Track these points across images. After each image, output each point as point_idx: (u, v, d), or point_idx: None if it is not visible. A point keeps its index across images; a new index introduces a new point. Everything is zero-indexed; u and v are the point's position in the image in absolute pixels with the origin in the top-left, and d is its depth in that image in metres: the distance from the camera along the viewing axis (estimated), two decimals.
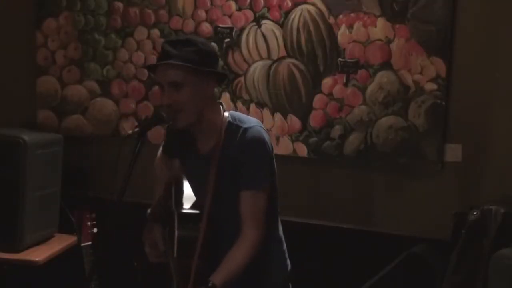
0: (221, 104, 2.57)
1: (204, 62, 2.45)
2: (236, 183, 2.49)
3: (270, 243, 2.58)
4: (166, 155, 2.65)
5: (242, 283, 2.47)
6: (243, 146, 2.48)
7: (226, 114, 2.53)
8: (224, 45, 3.62)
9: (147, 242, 2.57)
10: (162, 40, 3.67)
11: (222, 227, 2.51)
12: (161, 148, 2.70)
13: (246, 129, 2.50)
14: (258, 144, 2.50)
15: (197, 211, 2.49)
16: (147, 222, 2.59)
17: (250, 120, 2.56)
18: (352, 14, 3.43)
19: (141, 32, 3.76)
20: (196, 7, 3.66)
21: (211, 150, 2.52)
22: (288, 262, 2.73)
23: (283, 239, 2.72)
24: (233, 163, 2.48)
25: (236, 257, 2.46)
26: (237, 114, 2.60)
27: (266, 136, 2.53)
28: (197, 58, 2.41)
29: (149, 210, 2.64)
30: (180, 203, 2.53)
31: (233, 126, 2.51)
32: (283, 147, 3.58)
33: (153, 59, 3.69)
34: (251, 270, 2.48)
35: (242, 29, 3.60)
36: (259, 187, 2.51)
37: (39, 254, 3.37)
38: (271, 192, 2.58)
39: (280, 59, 3.56)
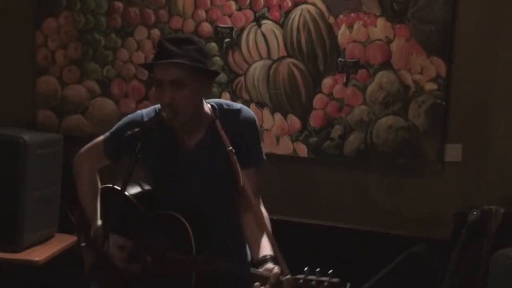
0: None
1: (206, 61, 2.46)
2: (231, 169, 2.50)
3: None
4: (114, 154, 2.57)
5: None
6: (243, 125, 2.52)
7: (209, 105, 2.54)
8: (224, 45, 3.62)
9: (114, 247, 2.50)
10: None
11: (216, 215, 2.52)
12: (98, 145, 2.64)
13: (240, 110, 2.54)
14: (255, 123, 2.56)
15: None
16: (98, 239, 2.48)
17: (235, 103, 2.63)
18: (352, 14, 3.43)
19: (141, 32, 3.75)
20: (196, 7, 3.65)
21: (199, 143, 2.52)
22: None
23: None
24: (234, 145, 2.48)
25: (269, 230, 2.47)
26: (217, 100, 2.63)
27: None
28: (199, 57, 2.42)
29: (97, 225, 2.54)
30: (153, 204, 2.53)
31: (224, 111, 2.53)
32: (283, 147, 3.58)
33: (152, 59, 3.69)
34: (230, 252, 2.48)
35: (242, 29, 3.60)
36: (260, 163, 2.56)
37: (39, 254, 3.36)
38: None
39: (280, 59, 3.56)
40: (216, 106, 2.54)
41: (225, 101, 2.62)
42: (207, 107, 2.53)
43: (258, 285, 2.24)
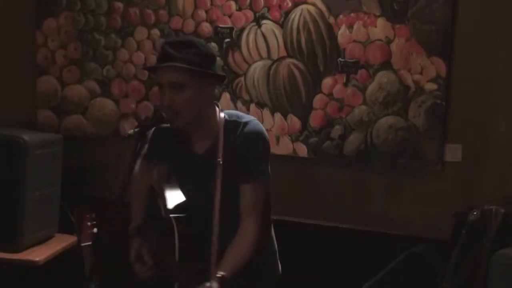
0: (217, 104, 2.58)
1: (206, 64, 2.46)
2: (237, 180, 2.50)
3: (264, 242, 2.59)
4: (148, 163, 2.64)
5: (235, 281, 2.46)
6: (244, 139, 2.51)
7: (222, 114, 2.55)
8: (224, 45, 3.62)
9: (137, 259, 2.58)
10: (162, 40, 3.67)
11: (225, 224, 2.52)
12: (141, 160, 2.70)
13: (246, 123, 2.53)
14: (259, 137, 2.54)
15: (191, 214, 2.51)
16: (132, 239, 2.60)
17: (248, 116, 2.62)
18: (352, 14, 3.43)
19: (141, 32, 3.75)
20: (196, 7, 3.65)
21: (207, 150, 2.53)
22: (279, 264, 2.73)
23: (275, 240, 2.73)
24: (235, 158, 2.48)
25: (240, 251, 2.47)
26: (233, 111, 2.65)
27: (265, 130, 2.58)
28: (199, 60, 2.42)
29: (132, 226, 2.65)
30: (169, 208, 2.54)
31: (232, 123, 2.54)
32: (283, 147, 3.58)
33: (153, 59, 3.69)
34: (245, 268, 2.48)
35: (242, 29, 3.60)
36: (260, 180, 2.54)
37: (39, 254, 3.36)
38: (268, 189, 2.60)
39: (280, 59, 3.56)
40: (227, 117, 2.55)
41: (238, 113, 2.62)
42: (220, 116, 2.54)
43: None
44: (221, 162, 2.48)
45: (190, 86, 2.42)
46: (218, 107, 2.57)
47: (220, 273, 2.36)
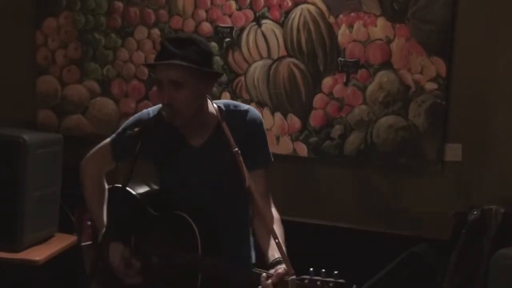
0: (208, 96, 2.57)
1: (205, 63, 2.45)
2: (247, 165, 2.50)
3: (248, 229, 2.61)
4: (118, 154, 2.61)
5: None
6: (252, 126, 2.54)
7: (215, 105, 2.54)
8: (224, 45, 3.62)
9: (121, 263, 2.51)
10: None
11: (222, 216, 2.52)
12: (105, 147, 2.67)
13: (247, 111, 2.55)
14: (262, 124, 2.58)
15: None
16: (103, 245, 2.49)
17: (242, 104, 2.64)
18: (352, 14, 3.44)
19: (141, 32, 3.75)
20: (196, 6, 3.65)
21: (205, 143, 2.53)
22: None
23: None
24: (243, 145, 2.48)
25: (280, 233, 2.47)
26: (225, 101, 2.65)
27: None
28: (199, 59, 2.42)
29: (103, 230, 2.56)
30: (161, 204, 2.54)
31: (231, 112, 2.53)
32: (283, 147, 3.58)
33: (153, 59, 3.69)
34: (229, 252, 2.48)
35: (242, 29, 3.60)
36: (268, 164, 2.58)
37: (39, 254, 3.36)
38: None
39: (280, 58, 3.56)
40: (223, 107, 2.55)
41: (233, 102, 2.64)
42: (213, 108, 2.53)
43: (265, 276, 2.25)
44: (239, 151, 2.46)
45: (189, 84, 2.41)
46: (209, 98, 2.57)
47: (279, 257, 2.34)
